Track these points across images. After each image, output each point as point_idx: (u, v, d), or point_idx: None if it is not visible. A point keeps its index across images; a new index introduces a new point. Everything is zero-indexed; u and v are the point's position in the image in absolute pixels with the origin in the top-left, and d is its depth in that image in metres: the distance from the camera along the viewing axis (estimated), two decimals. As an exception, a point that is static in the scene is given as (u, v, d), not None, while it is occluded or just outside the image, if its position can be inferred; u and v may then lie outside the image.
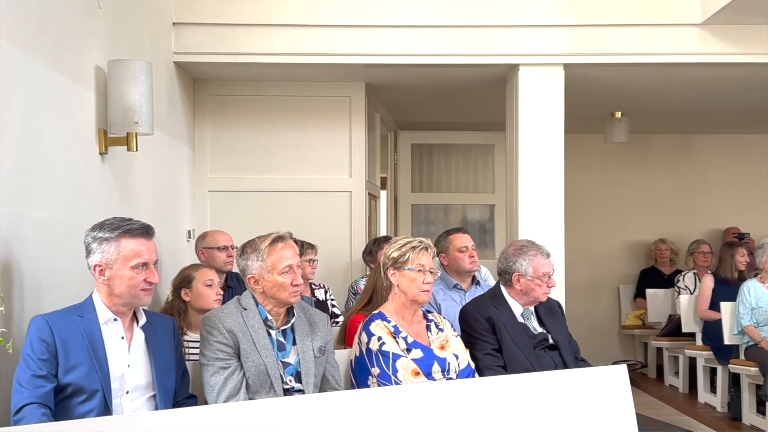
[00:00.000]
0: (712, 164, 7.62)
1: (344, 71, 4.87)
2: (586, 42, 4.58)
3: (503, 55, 4.65)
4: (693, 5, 4.48)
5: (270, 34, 4.56)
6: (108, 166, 3.41)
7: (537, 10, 4.56)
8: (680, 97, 5.75)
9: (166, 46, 4.40)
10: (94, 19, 3.28)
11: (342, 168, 5.20)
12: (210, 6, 4.50)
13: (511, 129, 4.93)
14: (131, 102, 3.30)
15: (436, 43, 4.60)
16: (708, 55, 4.53)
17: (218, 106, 5.08)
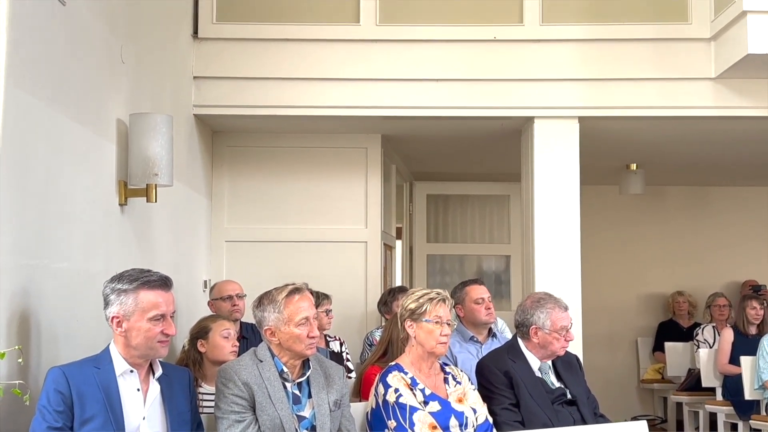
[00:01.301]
0: (729, 216, 7.59)
1: (361, 123, 4.94)
2: (600, 95, 4.62)
3: (518, 108, 4.70)
4: (706, 60, 4.53)
5: (288, 87, 4.64)
6: (127, 217, 3.45)
7: (552, 64, 4.62)
8: (696, 149, 5.76)
9: (187, 99, 4.49)
10: (116, 73, 3.35)
11: (358, 218, 5.22)
12: (229, 60, 4.60)
13: (526, 180, 4.95)
14: (151, 154, 3.35)
15: (451, 96, 4.66)
16: (722, 109, 4.56)
17: (236, 157, 5.15)
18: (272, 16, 4.64)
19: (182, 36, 4.40)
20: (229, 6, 4.63)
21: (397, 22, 4.66)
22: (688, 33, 4.55)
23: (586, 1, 4.64)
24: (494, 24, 4.64)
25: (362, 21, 4.66)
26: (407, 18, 4.67)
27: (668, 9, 4.59)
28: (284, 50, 4.63)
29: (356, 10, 4.66)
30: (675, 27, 4.57)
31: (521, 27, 4.64)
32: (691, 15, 4.56)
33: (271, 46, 4.63)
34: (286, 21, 4.63)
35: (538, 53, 4.64)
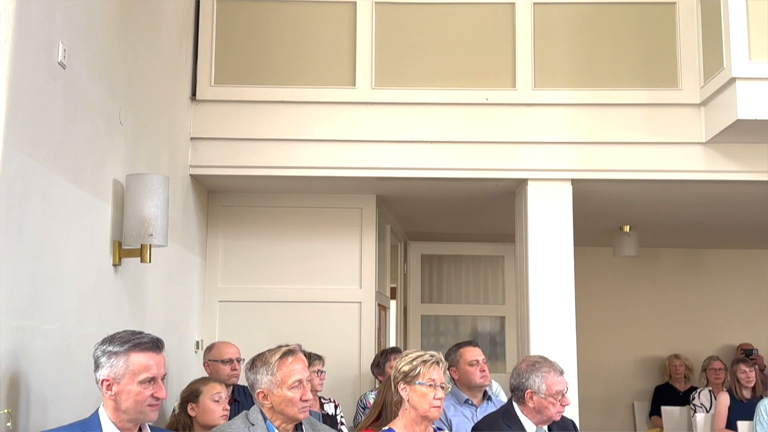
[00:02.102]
0: (722, 279, 7.60)
1: (356, 184, 4.97)
2: (592, 158, 4.68)
3: (512, 170, 4.74)
4: (697, 125, 4.60)
5: (283, 148, 4.69)
6: (120, 278, 3.44)
7: (544, 127, 4.68)
8: (688, 212, 5.80)
9: (183, 159, 4.52)
10: (114, 134, 3.39)
11: (352, 279, 5.21)
12: (226, 122, 4.65)
13: (520, 241, 4.97)
14: (147, 214, 3.36)
15: (445, 158, 4.70)
16: (713, 173, 4.61)
17: (231, 216, 5.16)
18: (269, 79, 4.72)
19: (180, 98, 4.46)
20: (226, 69, 4.71)
21: (393, 86, 4.73)
22: (679, 99, 4.63)
23: (577, 68, 4.72)
24: (487, 88, 4.72)
25: (358, 84, 4.73)
26: (402, 82, 4.75)
27: (658, 75, 4.68)
28: (280, 112, 4.70)
29: (352, 74, 4.75)
30: (665, 93, 4.65)
31: (514, 91, 4.72)
32: (681, 81, 4.65)
33: (268, 108, 4.69)
34: (283, 84, 4.71)
35: (530, 116, 4.71)
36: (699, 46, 4.64)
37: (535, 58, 4.72)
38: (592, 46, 4.75)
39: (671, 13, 4.73)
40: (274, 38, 4.76)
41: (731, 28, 4.26)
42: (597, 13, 4.79)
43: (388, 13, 4.80)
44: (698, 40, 4.65)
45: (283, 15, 4.80)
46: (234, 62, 4.72)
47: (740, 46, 4.23)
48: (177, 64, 4.39)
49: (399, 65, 4.76)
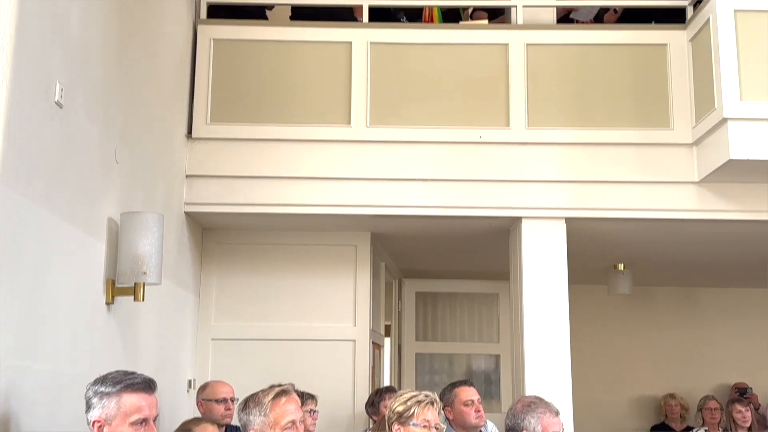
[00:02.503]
0: (717, 318, 7.58)
1: (350, 221, 4.97)
2: (586, 197, 4.70)
3: (506, 208, 4.75)
4: (689, 164, 4.63)
5: (279, 185, 4.70)
6: (113, 316, 3.42)
7: (538, 166, 4.71)
8: (682, 251, 5.82)
9: (179, 197, 4.53)
10: (110, 173, 3.40)
11: (346, 316, 5.19)
12: (222, 159, 4.67)
13: (515, 279, 4.96)
14: (141, 253, 3.36)
15: (440, 196, 4.72)
16: (706, 212, 4.63)
17: (225, 254, 5.15)
18: (265, 118, 4.75)
19: (176, 136, 4.49)
20: (222, 107, 4.74)
21: (387, 124, 4.77)
22: (671, 138, 4.67)
23: (570, 107, 4.77)
24: (481, 127, 4.76)
25: (353, 123, 4.76)
26: (397, 120, 4.78)
27: (651, 115, 4.72)
28: (276, 150, 4.72)
29: (347, 113, 4.78)
30: (658, 132, 4.69)
31: (508, 130, 4.75)
32: (673, 121, 4.69)
33: (263, 146, 4.72)
34: (279, 122, 4.74)
35: (524, 155, 4.73)
36: (690, 86, 4.69)
37: (529, 97, 4.77)
38: (585, 86, 4.80)
39: (662, 54, 4.79)
40: (270, 77, 4.81)
41: (722, 68, 4.32)
42: (589, 54, 4.85)
43: (383, 53, 4.85)
44: (690, 80, 4.70)
45: (279, 54, 4.85)
46: (230, 101, 4.76)
47: (731, 86, 4.28)
48: (173, 103, 4.42)
49: (394, 104, 4.80)
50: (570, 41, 4.87)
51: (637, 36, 4.84)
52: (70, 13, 2.96)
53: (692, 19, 4.73)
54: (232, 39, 4.83)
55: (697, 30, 4.64)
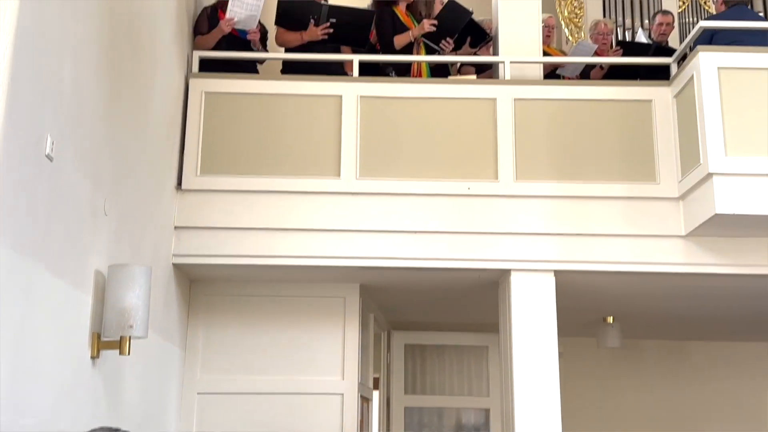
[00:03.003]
0: (707, 371, 7.54)
1: (339, 273, 4.95)
2: (574, 250, 4.71)
3: (495, 261, 4.76)
4: (676, 218, 4.66)
5: (268, 237, 4.70)
6: (98, 370, 3.37)
7: (526, 219, 4.73)
8: (671, 304, 5.82)
9: (167, 248, 4.51)
10: (98, 225, 3.39)
11: (335, 370, 5.13)
12: (211, 211, 4.67)
13: (504, 332, 4.94)
14: (127, 306, 3.33)
15: (429, 248, 4.72)
16: (694, 266, 4.65)
17: (213, 306, 5.11)
18: (255, 170, 4.76)
19: (166, 188, 4.49)
20: (213, 159, 4.76)
21: (377, 177, 4.79)
22: (657, 192, 4.71)
23: (558, 161, 4.81)
24: (470, 179, 4.79)
25: (343, 175, 4.79)
26: (386, 173, 4.80)
27: (637, 169, 4.77)
28: (266, 201, 4.73)
29: (337, 165, 4.81)
30: (644, 186, 4.73)
31: (496, 183, 4.79)
32: (659, 175, 4.74)
33: (253, 198, 4.72)
34: (269, 174, 4.75)
35: (513, 208, 4.76)
36: (676, 141, 4.75)
37: (517, 151, 4.81)
38: (572, 140, 4.85)
39: (648, 110, 4.87)
40: (260, 129, 4.84)
41: (707, 124, 4.39)
42: (576, 109, 4.91)
43: (372, 106, 4.91)
44: (675, 135, 4.77)
45: (270, 107, 4.89)
46: (220, 152, 4.78)
47: (716, 142, 4.35)
48: (163, 154, 4.43)
49: (383, 156, 4.83)
50: (557, 96, 4.94)
51: (623, 92, 4.93)
52: (63, 67, 2.98)
53: (676, 76, 4.82)
54: (223, 92, 4.88)
55: (681, 87, 4.72)
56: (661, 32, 6.08)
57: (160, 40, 4.32)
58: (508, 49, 5.19)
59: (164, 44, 4.40)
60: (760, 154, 4.33)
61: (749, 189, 4.28)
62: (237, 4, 4.92)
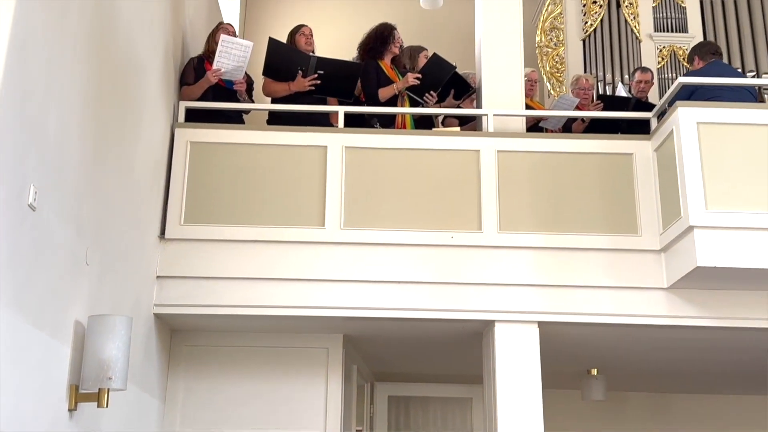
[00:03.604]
0: (691, 425, 7.49)
1: (322, 323, 4.92)
2: (558, 302, 4.71)
3: (479, 312, 4.74)
4: (658, 270, 4.68)
5: (251, 286, 4.67)
6: (75, 423, 3.30)
7: (510, 270, 4.73)
8: (654, 356, 5.81)
9: (148, 298, 4.47)
10: (79, 275, 3.36)
11: (317, 423, 5.05)
12: (194, 260, 4.65)
13: (488, 383, 4.91)
14: (107, 357, 3.28)
15: (413, 298, 4.71)
16: (676, 318, 4.65)
17: (194, 356, 5.05)
18: (239, 219, 4.76)
19: (149, 237, 4.47)
20: (197, 208, 4.75)
21: (361, 227, 4.80)
22: (639, 245, 4.74)
23: (541, 212, 4.83)
24: (454, 230, 4.80)
25: (327, 225, 4.79)
26: (371, 223, 4.81)
27: (619, 221, 4.80)
28: (249, 251, 4.71)
29: (321, 215, 4.81)
30: (626, 239, 4.76)
31: (480, 234, 4.80)
32: (641, 228, 4.77)
33: (236, 247, 4.71)
34: (253, 223, 4.75)
35: (496, 259, 4.76)
36: (657, 194, 4.80)
37: (500, 202, 4.84)
38: (555, 191, 4.89)
39: (629, 163, 4.93)
40: (245, 179, 4.85)
41: (687, 178, 4.45)
42: (558, 161, 4.96)
43: (357, 157, 4.94)
44: (656, 188, 4.82)
45: (255, 157, 4.91)
46: (204, 202, 4.77)
47: (696, 195, 4.40)
48: (147, 203, 4.42)
49: (368, 207, 4.85)
50: (539, 149, 4.99)
51: (604, 145, 4.99)
52: (48, 116, 2.99)
53: (656, 131, 4.90)
54: (208, 142, 4.90)
55: (661, 141, 4.79)
56: (640, 89, 6.21)
57: (147, 89, 4.35)
58: (491, 101, 5.26)
59: (150, 94, 4.43)
60: (740, 208, 4.38)
61: (730, 242, 4.32)
62: (224, 56, 4.97)
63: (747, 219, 4.36)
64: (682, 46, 7.49)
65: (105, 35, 3.59)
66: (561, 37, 7.70)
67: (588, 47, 7.53)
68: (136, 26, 4.09)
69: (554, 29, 7.76)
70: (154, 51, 4.50)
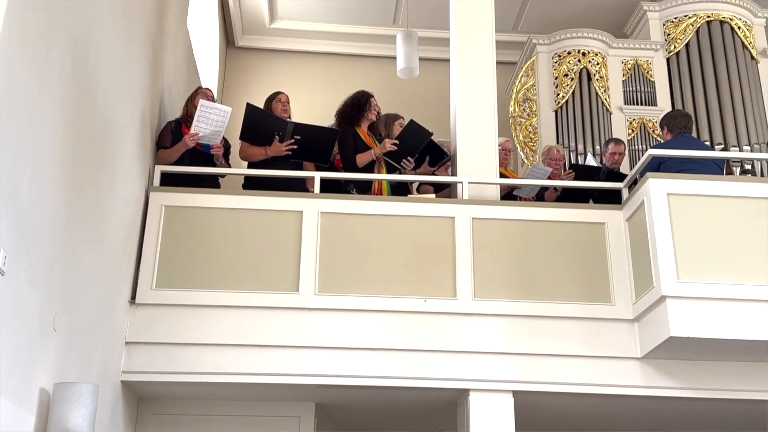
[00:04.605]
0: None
1: (295, 391, 4.83)
2: (532, 370, 4.68)
3: (453, 380, 4.69)
4: (632, 340, 4.69)
5: (222, 353, 4.59)
6: (35, 497, 3.18)
7: (485, 338, 4.71)
8: (629, 426, 5.75)
9: (116, 365, 4.37)
10: (46, 341, 3.28)
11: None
12: (165, 326, 4.57)
13: (463, 454, 4.83)
14: (72, 426, 3.20)
15: (387, 366, 4.65)
16: (650, 389, 4.64)
17: (161, 425, 4.91)
18: (212, 284, 4.70)
19: (119, 302, 4.40)
20: (169, 273, 4.69)
21: (336, 292, 4.76)
22: (613, 314, 4.75)
23: (516, 280, 4.84)
24: (429, 297, 4.78)
25: (301, 290, 4.75)
26: (345, 288, 4.78)
27: (592, 290, 4.82)
28: (221, 316, 4.65)
29: (296, 280, 4.78)
30: (600, 308, 4.77)
31: (455, 300, 4.79)
32: (614, 297, 4.80)
33: (209, 312, 4.64)
34: (226, 288, 4.70)
35: (471, 326, 4.74)
36: (629, 263, 4.84)
37: (475, 269, 4.85)
38: (529, 259, 4.91)
39: (601, 232, 4.98)
40: (219, 243, 4.82)
41: (658, 248, 4.50)
42: (532, 229, 5.00)
43: (333, 222, 4.94)
44: (628, 257, 4.86)
45: (230, 221, 4.89)
46: (177, 266, 4.72)
47: (668, 266, 4.44)
48: (119, 268, 4.36)
49: (343, 272, 4.83)
50: (513, 216, 5.03)
51: (577, 214, 5.05)
52: (22, 179, 2.96)
53: (628, 201, 4.97)
54: (183, 206, 4.88)
55: (632, 211, 4.87)
56: (614, 161, 6.33)
57: (123, 152, 4.34)
58: (466, 169, 5.33)
59: (127, 157, 4.42)
60: (712, 279, 4.43)
61: (703, 312, 4.35)
62: (202, 120, 5.00)
63: (719, 290, 4.40)
64: (652, 118, 7.68)
65: (83, 98, 3.60)
66: (534, 107, 7.86)
67: (560, 118, 7.69)
68: (115, 90, 4.11)
69: (527, 100, 7.93)
70: (132, 114, 4.51)
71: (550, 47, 7.96)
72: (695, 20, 7.87)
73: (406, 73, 6.92)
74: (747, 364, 4.64)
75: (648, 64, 7.86)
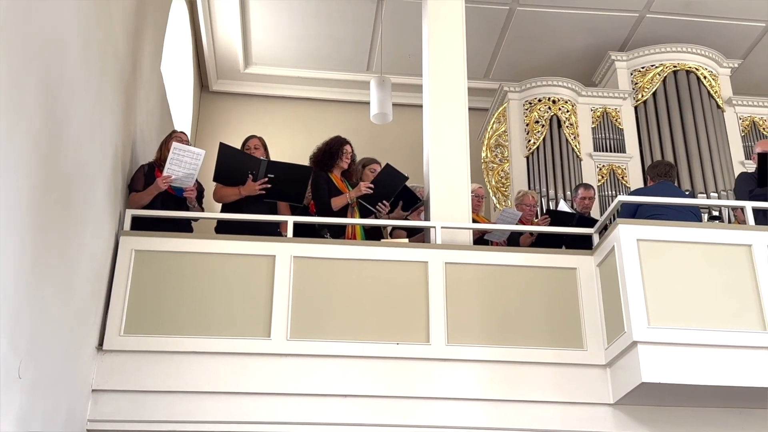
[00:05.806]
0: None
1: (266, 440, 4.74)
2: (505, 416, 4.63)
3: (426, 427, 4.63)
4: (604, 386, 4.68)
5: (191, 401, 4.50)
6: None
7: (457, 383, 4.67)
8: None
9: (82, 414, 4.26)
10: (11, 389, 3.19)
11: None
12: (132, 373, 4.48)
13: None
14: (34, 478, 3.09)
15: (359, 413, 4.59)
16: (623, 435, 4.64)
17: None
18: (182, 329, 4.63)
19: (86, 348, 4.31)
20: (138, 319, 4.61)
21: (308, 338, 4.71)
22: (585, 359, 4.75)
23: (488, 325, 4.83)
24: (402, 342, 4.75)
25: (273, 335, 4.70)
26: (318, 334, 4.73)
27: (564, 335, 4.83)
28: (190, 363, 4.56)
29: (268, 325, 4.72)
30: (572, 353, 4.77)
31: (428, 346, 4.76)
32: (586, 342, 4.80)
33: (178, 359, 4.56)
34: (196, 334, 4.62)
35: (444, 372, 4.71)
36: (601, 309, 4.86)
37: (448, 314, 4.84)
38: (501, 304, 4.91)
39: (573, 277, 5.00)
40: (190, 288, 4.76)
41: (629, 294, 4.53)
42: (504, 274, 5.01)
43: (306, 267, 4.91)
44: (600, 303, 4.88)
45: (202, 266, 4.84)
46: (147, 312, 4.65)
47: (639, 311, 4.47)
48: (86, 313, 4.28)
49: (315, 317, 4.78)
50: (486, 261, 5.05)
51: (548, 259, 5.08)
52: (-11, 225, 2.92)
53: (598, 246, 5.02)
54: (153, 250, 4.82)
55: (603, 256, 4.90)
56: (584, 206, 6.42)
57: (93, 196, 4.30)
58: (439, 214, 5.35)
59: (96, 201, 4.37)
60: (683, 325, 4.45)
61: (674, 358, 4.36)
62: (176, 163, 4.98)
63: (689, 335, 4.43)
64: (621, 165, 7.81)
65: (53, 142, 3.56)
66: (506, 153, 7.96)
67: (531, 164, 7.79)
68: (86, 133, 4.08)
69: (499, 146, 8.04)
70: (103, 158, 4.48)
71: (521, 94, 8.10)
72: (662, 70, 8.07)
73: (380, 118, 6.99)
74: (719, 411, 4.64)
75: (616, 112, 8.03)
